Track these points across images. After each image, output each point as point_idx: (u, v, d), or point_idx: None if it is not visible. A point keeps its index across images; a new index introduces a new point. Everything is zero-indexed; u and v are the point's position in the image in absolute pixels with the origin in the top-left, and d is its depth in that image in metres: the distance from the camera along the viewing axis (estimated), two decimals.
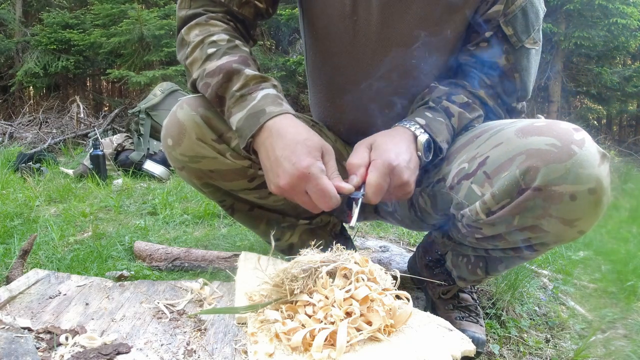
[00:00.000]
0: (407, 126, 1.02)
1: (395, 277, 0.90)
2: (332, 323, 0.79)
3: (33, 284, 1.07)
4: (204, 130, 1.04)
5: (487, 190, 0.91)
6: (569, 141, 0.82)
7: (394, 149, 0.95)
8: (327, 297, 0.82)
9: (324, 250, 0.91)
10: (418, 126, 1.02)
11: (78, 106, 5.61)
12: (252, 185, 1.12)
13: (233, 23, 1.10)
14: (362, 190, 0.92)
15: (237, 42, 1.04)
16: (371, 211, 1.38)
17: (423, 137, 1.00)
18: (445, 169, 1.05)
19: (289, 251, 1.31)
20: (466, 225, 0.98)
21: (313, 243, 0.93)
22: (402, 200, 1.19)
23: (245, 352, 0.82)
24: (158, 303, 0.99)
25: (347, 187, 0.90)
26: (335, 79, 1.22)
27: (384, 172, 0.92)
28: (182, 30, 1.08)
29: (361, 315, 0.80)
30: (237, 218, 1.24)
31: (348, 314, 0.80)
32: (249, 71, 0.98)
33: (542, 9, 1.07)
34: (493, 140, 0.94)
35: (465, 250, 1.10)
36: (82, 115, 5.58)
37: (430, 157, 1.02)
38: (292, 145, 0.88)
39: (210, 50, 1.01)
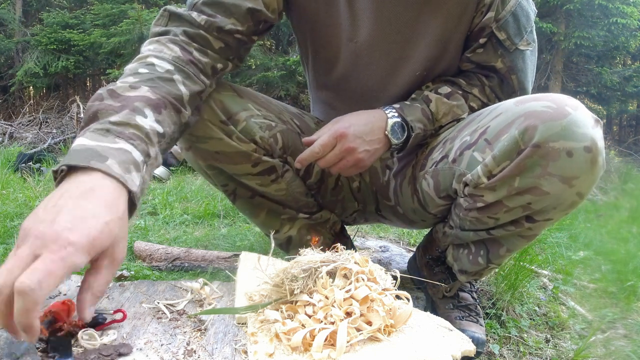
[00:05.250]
0: (383, 109, 1.10)
1: (395, 277, 0.90)
2: (332, 323, 0.79)
3: None
4: (214, 110, 1.06)
5: (488, 155, 0.95)
6: (563, 104, 0.87)
7: (351, 122, 1.04)
8: (327, 297, 0.82)
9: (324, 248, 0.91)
10: (393, 110, 1.10)
11: (78, 106, 5.62)
12: (255, 171, 1.14)
13: (210, 44, 0.98)
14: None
15: (179, 77, 0.89)
16: (372, 211, 1.38)
17: (393, 120, 1.08)
18: (448, 146, 1.08)
19: (286, 244, 1.31)
20: (468, 196, 1.00)
21: (314, 243, 0.93)
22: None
23: (245, 352, 0.82)
24: (158, 303, 0.99)
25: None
26: (335, 97, 1.25)
27: (332, 135, 1.02)
28: (143, 45, 0.97)
29: (361, 315, 0.80)
30: (238, 205, 1.26)
31: (348, 314, 0.80)
32: (142, 121, 0.78)
33: (532, 11, 1.11)
34: (493, 113, 1.00)
35: (467, 236, 1.10)
36: (82, 115, 5.58)
37: (404, 138, 1.09)
38: (96, 209, 0.65)
39: (143, 70, 0.87)
